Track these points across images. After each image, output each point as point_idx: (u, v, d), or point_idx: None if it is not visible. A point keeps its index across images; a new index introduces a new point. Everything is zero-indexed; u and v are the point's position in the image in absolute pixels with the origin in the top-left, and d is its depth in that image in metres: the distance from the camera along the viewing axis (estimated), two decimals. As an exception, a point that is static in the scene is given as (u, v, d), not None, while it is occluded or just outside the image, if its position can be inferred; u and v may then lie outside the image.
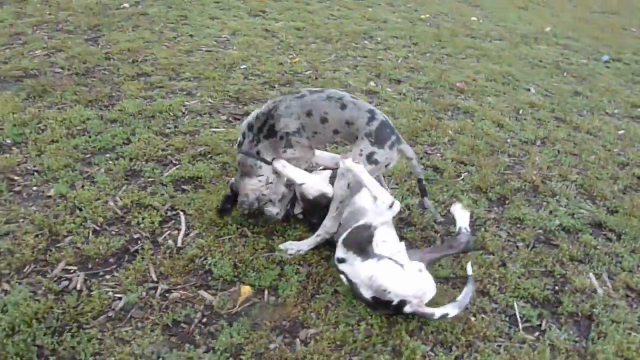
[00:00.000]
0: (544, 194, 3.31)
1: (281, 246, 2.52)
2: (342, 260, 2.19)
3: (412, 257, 2.32)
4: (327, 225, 2.42)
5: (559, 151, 3.91)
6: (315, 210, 2.55)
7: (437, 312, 2.12)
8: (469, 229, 2.58)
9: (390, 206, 2.24)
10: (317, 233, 2.47)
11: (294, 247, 2.50)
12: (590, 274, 2.66)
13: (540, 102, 4.73)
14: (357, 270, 2.14)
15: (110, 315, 2.11)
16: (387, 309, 2.14)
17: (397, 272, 2.11)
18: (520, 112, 4.52)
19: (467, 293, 2.24)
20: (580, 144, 4.06)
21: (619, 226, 3.06)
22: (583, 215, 3.15)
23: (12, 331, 1.97)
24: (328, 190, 2.46)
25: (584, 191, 3.42)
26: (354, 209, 2.43)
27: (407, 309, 2.08)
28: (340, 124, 2.42)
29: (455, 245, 2.48)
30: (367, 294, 2.13)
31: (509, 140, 3.97)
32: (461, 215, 2.64)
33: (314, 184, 2.49)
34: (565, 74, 5.68)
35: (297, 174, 2.50)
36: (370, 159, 2.35)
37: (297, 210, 2.73)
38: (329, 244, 2.51)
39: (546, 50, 6.41)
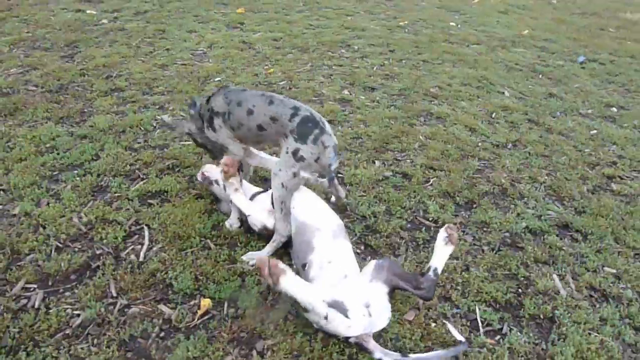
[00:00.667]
0: (512, 196, 3.34)
1: (243, 257, 2.54)
2: None
3: (378, 277, 2.19)
4: (280, 228, 2.46)
5: (529, 153, 3.93)
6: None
7: (377, 354, 2.03)
8: (438, 273, 2.23)
9: (325, 317, 2.00)
10: (272, 239, 2.51)
11: (254, 257, 2.51)
12: (554, 276, 2.68)
13: (513, 105, 4.77)
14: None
15: (67, 332, 2.11)
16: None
17: (340, 322, 2.00)
18: (493, 115, 4.55)
19: (434, 356, 2.07)
20: (552, 145, 4.10)
21: (586, 227, 3.08)
22: (550, 216, 3.17)
23: (-34, 352, 1.97)
24: (269, 222, 2.57)
25: (552, 192, 3.45)
26: (297, 225, 2.44)
27: (353, 340, 2.05)
28: (265, 119, 2.48)
29: (415, 285, 2.18)
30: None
31: (480, 144, 4.00)
32: (441, 252, 2.27)
33: (258, 216, 2.61)
34: (540, 76, 5.72)
35: (244, 205, 2.63)
36: (296, 156, 2.37)
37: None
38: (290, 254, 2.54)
39: (523, 53, 6.47)
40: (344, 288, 2.13)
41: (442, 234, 2.31)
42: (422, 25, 7.43)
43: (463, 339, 2.16)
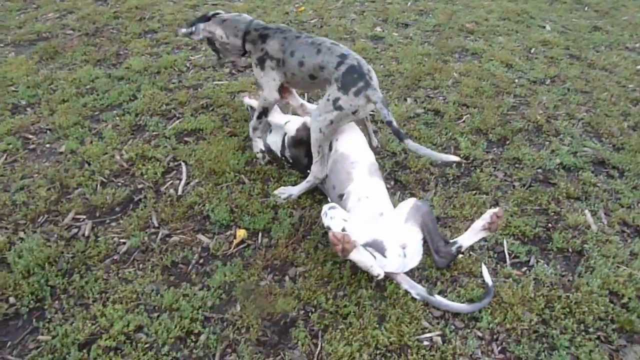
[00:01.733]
0: (547, 133, 3.27)
1: (275, 192, 2.63)
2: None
3: (414, 218, 2.22)
4: (315, 171, 2.50)
5: (568, 89, 3.80)
6: (301, 151, 2.68)
7: (404, 285, 2.14)
8: (462, 251, 2.25)
9: (377, 276, 2.09)
10: (307, 179, 2.56)
11: (285, 192, 2.60)
12: (586, 211, 2.66)
13: (554, 40, 4.55)
14: None
15: (115, 258, 2.28)
16: None
17: (376, 261, 2.08)
18: (532, 51, 4.38)
19: (457, 307, 2.09)
20: (593, 81, 3.93)
21: (623, 163, 3.01)
22: (586, 153, 3.11)
23: (28, 273, 2.17)
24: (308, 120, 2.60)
25: (590, 129, 3.36)
26: (337, 157, 2.46)
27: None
28: (315, 68, 2.45)
29: (436, 248, 2.24)
30: None
31: (516, 80, 3.88)
32: (475, 233, 2.24)
33: (297, 119, 2.68)
34: (586, 8, 5.40)
35: (281, 116, 2.73)
36: (335, 104, 2.35)
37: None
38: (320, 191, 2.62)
39: (569, -16, 6.08)
40: (383, 227, 2.19)
41: (485, 218, 2.21)
42: (460, -44, 7.04)
43: (491, 283, 2.19)
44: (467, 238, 2.25)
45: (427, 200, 2.63)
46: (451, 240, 2.27)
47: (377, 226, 2.21)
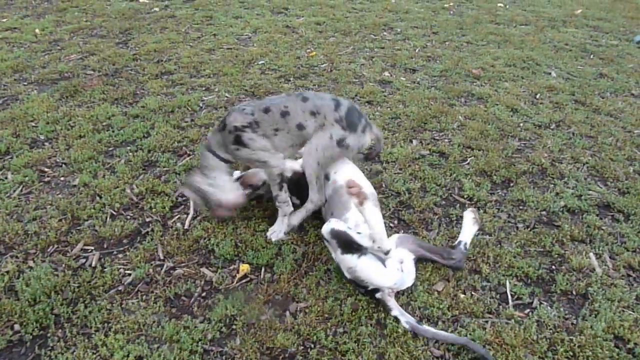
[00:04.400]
0: (552, 176, 3.30)
1: (272, 238, 2.62)
2: (326, 240, 2.25)
3: (405, 244, 2.39)
4: (315, 199, 2.54)
5: (573, 134, 3.85)
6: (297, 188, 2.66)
7: (395, 312, 2.17)
8: (468, 247, 2.51)
9: (386, 253, 2.23)
10: (305, 207, 2.58)
11: (280, 228, 2.63)
12: (591, 254, 2.65)
13: (560, 86, 4.64)
14: (338, 258, 2.22)
15: (119, 288, 2.32)
16: (362, 290, 2.26)
17: (376, 269, 2.16)
18: (538, 96, 4.46)
19: (444, 336, 2.13)
20: (598, 126, 3.98)
21: (629, 207, 3.01)
22: (591, 196, 3.12)
23: (34, 301, 2.21)
24: (297, 166, 2.66)
25: (595, 173, 3.38)
26: (337, 187, 2.49)
27: (378, 295, 2.19)
28: (305, 116, 2.45)
29: (446, 257, 2.46)
30: (346, 275, 2.24)
31: (521, 124, 3.94)
32: (469, 228, 2.57)
33: (290, 164, 2.67)
34: (591, 56, 5.52)
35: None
36: (340, 143, 2.43)
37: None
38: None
39: (574, 33, 6.24)
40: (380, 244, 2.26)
41: (468, 214, 2.60)
42: (467, 6, 7.29)
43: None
44: (466, 235, 2.54)
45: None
46: (454, 243, 2.54)
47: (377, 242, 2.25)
